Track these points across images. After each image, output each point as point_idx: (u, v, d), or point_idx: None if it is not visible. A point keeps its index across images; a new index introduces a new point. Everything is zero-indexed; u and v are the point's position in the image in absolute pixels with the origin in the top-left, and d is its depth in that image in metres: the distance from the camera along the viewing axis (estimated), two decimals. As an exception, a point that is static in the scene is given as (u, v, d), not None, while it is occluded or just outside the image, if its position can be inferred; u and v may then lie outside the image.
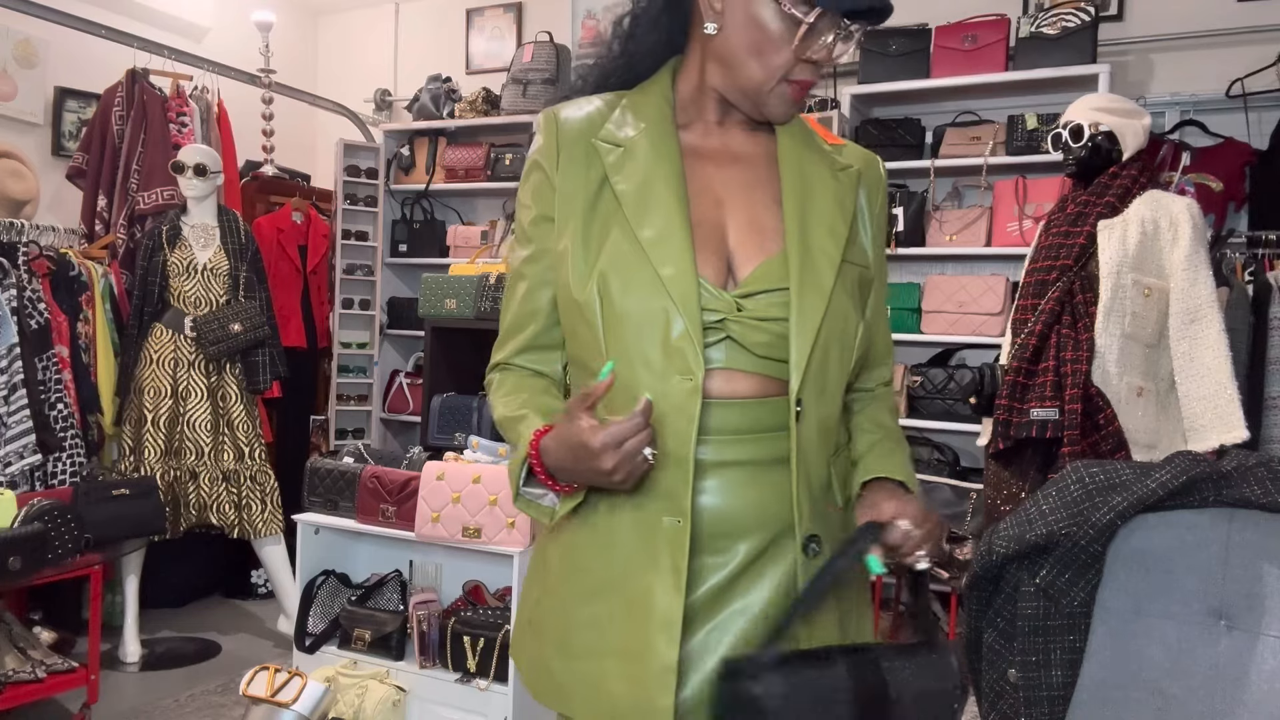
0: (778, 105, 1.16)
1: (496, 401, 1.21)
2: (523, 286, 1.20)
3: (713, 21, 1.14)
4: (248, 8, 4.89)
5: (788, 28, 1.10)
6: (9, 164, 3.66)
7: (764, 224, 1.16)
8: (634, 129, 1.17)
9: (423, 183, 5.00)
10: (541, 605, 1.20)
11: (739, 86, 1.16)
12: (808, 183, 1.19)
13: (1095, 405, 2.43)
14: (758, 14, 1.11)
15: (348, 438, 4.91)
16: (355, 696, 2.60)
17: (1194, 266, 2.43)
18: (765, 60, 1.12)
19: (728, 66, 1.15)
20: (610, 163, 1.15)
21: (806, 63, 1.13)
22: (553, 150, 1.17)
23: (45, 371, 3.35)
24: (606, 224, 1.13)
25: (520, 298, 1.21)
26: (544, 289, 1.19)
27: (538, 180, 1.18)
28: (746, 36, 1.12)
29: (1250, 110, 3.53)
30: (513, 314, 1.22)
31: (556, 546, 1.19)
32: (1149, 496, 1.50)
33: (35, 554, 2.66)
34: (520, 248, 1.21)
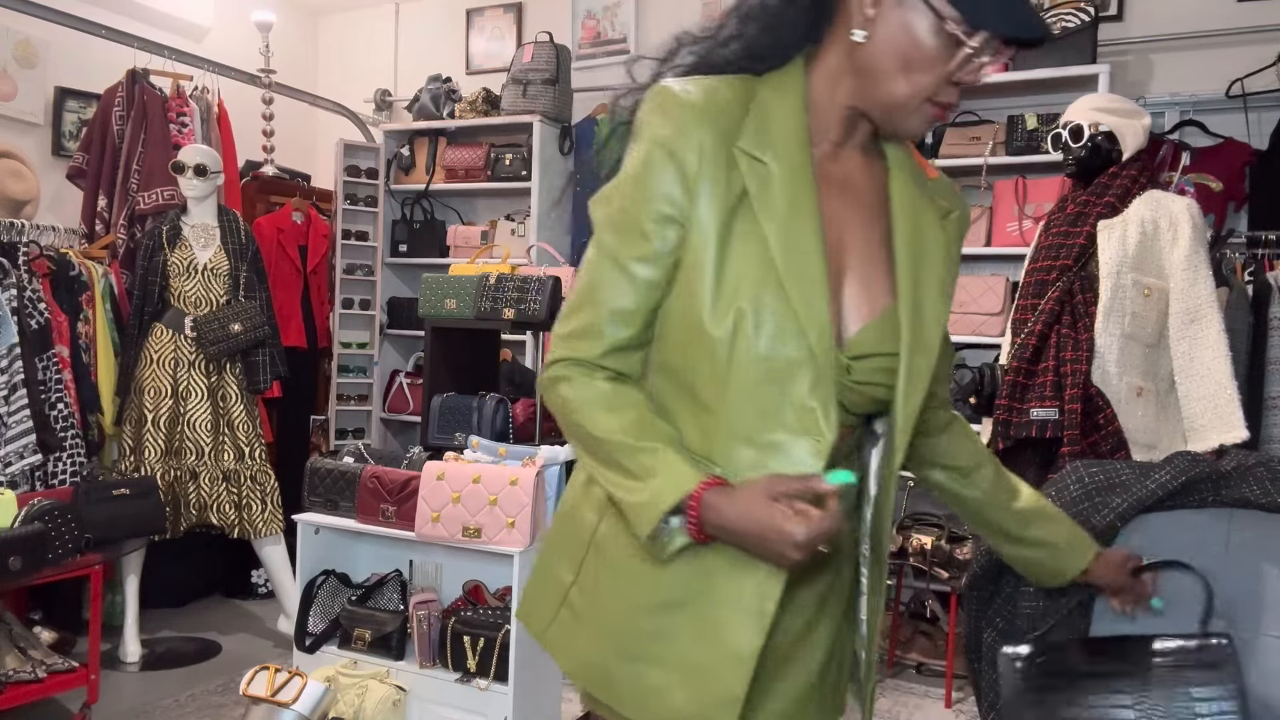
0: (916, 124, 1.09)
1: (589, 409, 1.09)
2: (625, 282, 1.08)
3: (861, 29, 1.06)
4: (248, 8, 4.89)
5: (945, 47, 1.03)
6: (9, 164, 3.66)
7: (874, 273, 1.11)
8: (775, 146, 1.07)
9: (423, 183, 5.00)
10: (595, 600, 1.16)
11: (877, 100, 1.08)
12: (920, 232, 1.14)
13: (1095, 405, 2.44)
14: (914, 28, 1.03)
15: (348, 438, 4.91)
16: (355, 696, 2.60)
17: (1194, 266, 2.43)
18: (913, 78, 1.05)
19: (869, 78, 1.07)
20: (752, 184, 1.06)
21: (954, 84, 1.06)
22: (693, 145, 1.05)
23: (45, 371, 3.35)
24: (746, 253, 1.05)
25: (621, 293, 1.08)
26: (653, 292, 1.09)
27: (670, 173, 1.06)
28: (897, 50, 1.05)
29: (1250, 110, 3.53)
30: (609, 309, 1.09)
31: (623, 547, 1.13)
32: (1149, 497, 1.50)
33: (35, 554, 2.67)
34: (625, 237, 1.08)
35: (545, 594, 1.23)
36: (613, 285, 1.09)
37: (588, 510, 1.18)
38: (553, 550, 1.24)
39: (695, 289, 1.06)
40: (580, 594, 1.18)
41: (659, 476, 1.03)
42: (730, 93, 1.09)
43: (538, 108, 4.66)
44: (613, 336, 1.09)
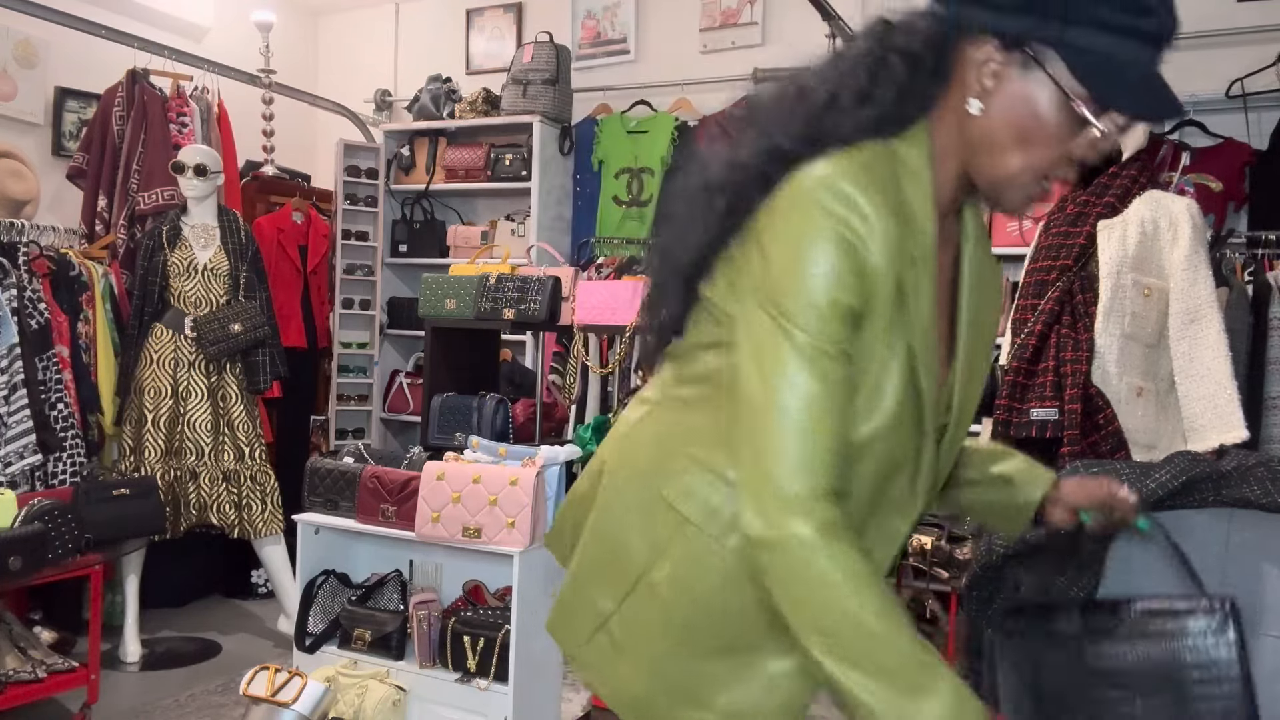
0: (1022, 199, 1.03)
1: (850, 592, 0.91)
2: (828, 396, 0.95)
3: (978, 99, 0.99)
4: (248, 8, 4.89)
5: (1068, 125, 0.97)
6: (9, 164, 3.67)
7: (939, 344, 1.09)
8: (920, 245, 1.00)
9: (423, 183, 5.00)
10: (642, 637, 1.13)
11: (987, 173, 1.02)
12: (982, 297, 1.12)
13: (1095, 405, 2.44)
14: (1035, 103, 0.97)
15: (348, 438, 4.91)
16: (355, 696, 2.59)
17: (1194, 266, 2.43)
18: (1030, 153, 0.99)
19: (981, 151, 1.01)
20: (908, 290, 0.99)
21: (1073, 162, 1.00)
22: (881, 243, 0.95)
23: (45, 371, 3.35)
24: (893, 361, 1.00)
25: (828, 409, 0.95)
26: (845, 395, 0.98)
27: (857, 272, 0.95)
28: (1015, 124, 0.98)
29: (1250, 110, 3.53)
30: (826, 433, 0.95)
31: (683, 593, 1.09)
32: (1149, 496, 1.50)
33: (35, 554, 2.67)
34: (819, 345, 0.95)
35: (579, 616, 1.20)
36: (819, 403, 0.95)
37: (639, 545, 1.13)
38: (590, 573, 1.19)
39: (860, 396, 1.00)
40: (622, 626, 1.14)
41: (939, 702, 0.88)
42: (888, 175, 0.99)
43: (538, 108, 4.66)
44: (835, 467, 0.95)
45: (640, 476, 1.17)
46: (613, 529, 1.18)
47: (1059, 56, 0.95)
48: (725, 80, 4.56)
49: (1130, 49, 0.95)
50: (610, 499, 1.21)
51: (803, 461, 0.93)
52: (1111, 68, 0.95)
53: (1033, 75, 0.97)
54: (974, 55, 0.99)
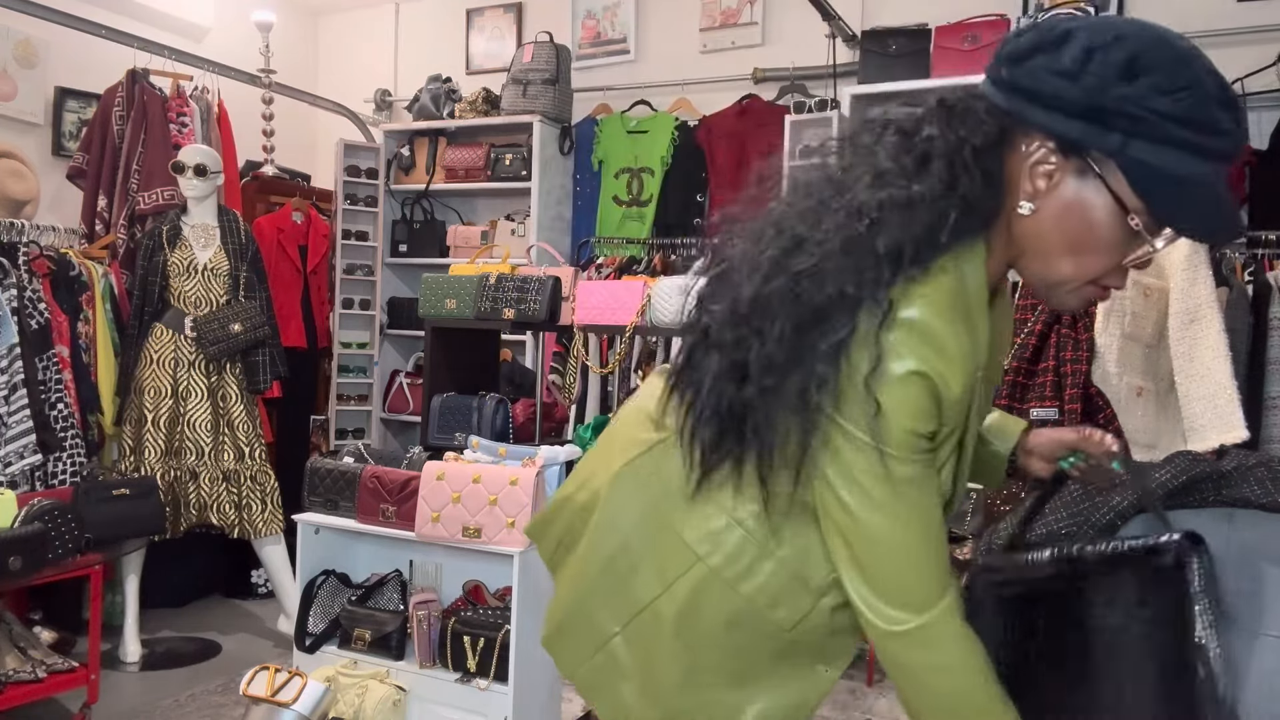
0: (1074, 302, 1.02)
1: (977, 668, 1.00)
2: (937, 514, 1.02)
3: (1029, 201, 0.96)
4: (248, 8, 4.89)
5: (1123, 237, 0.94)
6: (9, 164, 3.66)
7: None
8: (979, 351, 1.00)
9: (423, 183, 5.00)
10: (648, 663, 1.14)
11: (1037, 275, 1.01)
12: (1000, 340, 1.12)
13: (1095, 405, 2.44)
14: (1090, 211, 0.93)
15: (348, 437, 4.91)
16: (355, 696, 2.59)
17: (1193, 267, 2.43)
18: (1082, 261, 0.96)
19: (1031, 253, 0.99)
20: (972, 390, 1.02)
21: (1125, 270, 0.98)
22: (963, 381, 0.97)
23: (45, 371, 3.35)
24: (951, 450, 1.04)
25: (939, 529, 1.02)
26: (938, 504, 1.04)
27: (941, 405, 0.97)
28: (1067, 231, 0.95)
29: (1250, 110, 3.53)
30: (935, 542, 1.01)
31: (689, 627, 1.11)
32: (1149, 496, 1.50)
33: (35, 554, 2.67)
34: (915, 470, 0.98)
35: (579, 634, 1.20)
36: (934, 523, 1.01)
37: (648, 574, 1.13)
38: (593, 593, 1.19)
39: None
40: (626, 648, 1.15)
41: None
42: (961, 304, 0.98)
43: (538, 108, 4.66)
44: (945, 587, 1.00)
45: (655, 512, 1.16)
46: (619, 556, 1.17)
47: (1119, 168, 0.91)
48: (725, 80, 4.56)
49: (1196, 167, 0.90)
50: (617, 521, 1.19)
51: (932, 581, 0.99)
52: (1174, 186, 0.90)
53: (1089, 183, 0.93)
54: (1029, 153, 0.95)
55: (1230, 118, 0.91)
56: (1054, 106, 0.92)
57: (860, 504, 0.98)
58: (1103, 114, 0.90)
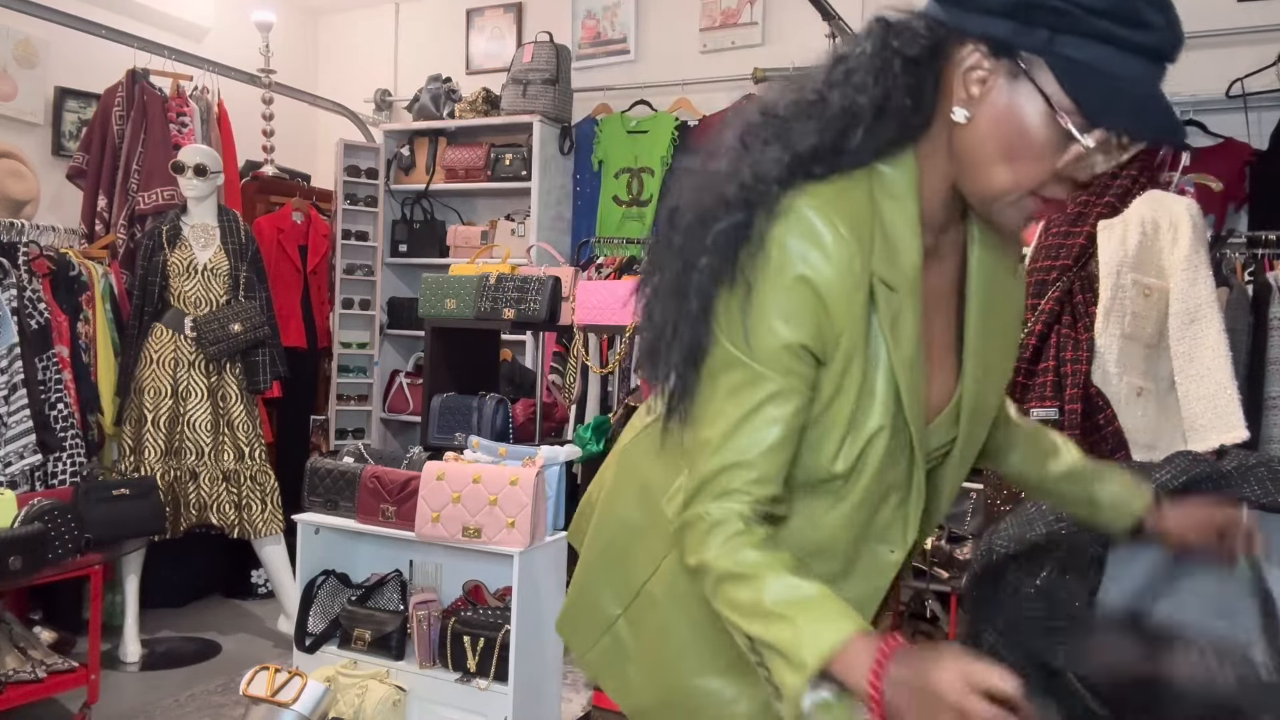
0: (1014, 216, 0.98)
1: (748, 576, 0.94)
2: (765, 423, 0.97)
3: (963, 107, 0.95)
4: (248, 8, 4.90)
5: (1056, 140, 0.91)
6: (9, 164, 3.66)
7: (946, 355, 1.07)
8: (901, 270, 0.98)
9: (423, 183, 5.00)
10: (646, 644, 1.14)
11: (975, 188, 0.98)
12: (993, 306, 1.08)
13: (1095, 405, 2.44)
14: (1022, 115, 0.92)
15: (348, 438, 4.91)
16: (355, 696, 2.59)
17: (1194, 266, 2.43)
18: (1017, 168, 0.94)
19: (968, 164, 0.97)
20: (888, 316, 0.98)
21: (1064, 180, 0.95)
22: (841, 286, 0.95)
23: (45, 371, 3.35)
24: (872, 389, 0.99)
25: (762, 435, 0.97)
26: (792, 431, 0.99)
27: (808, 304, 0.95)
28: (1002, 137, 0.93)
29: (1250, 110, 3.53)
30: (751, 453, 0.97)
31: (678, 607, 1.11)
32: (1149, 496, 1.50)
33: (35, 554, 2.66)
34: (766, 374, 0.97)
35: (587, 618, 1.21)
36: (763, 422, 0.98)
37: (640, 556, 1.15)
38: (597, 576, 1.20)
39: (826, 425, 1.00)
40: (629, 630, 1.15)
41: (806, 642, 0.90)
42: (861, 207, 0.98)
43: (538, 108, 4.66)
44: (755, 486, 0.98)
45: (643, 489, 1.18)
46: (617, 536, 1.20)
47: (1048, 67, 0.90)
48: (725, 80, 4.56)
49: (1126, 65, 0.90)
50: (615, 507, 1.22)
51: (718, 473, 0.97)
52: (1103, 83, 0.89)
53: (1020, 86, 0.92)
54: (962, 60, 0.95)
55: (1159, 15, 0.92)
56: (983, 8, 0.93)
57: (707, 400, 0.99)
58: (1028, 10, 0.90)
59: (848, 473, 1.01)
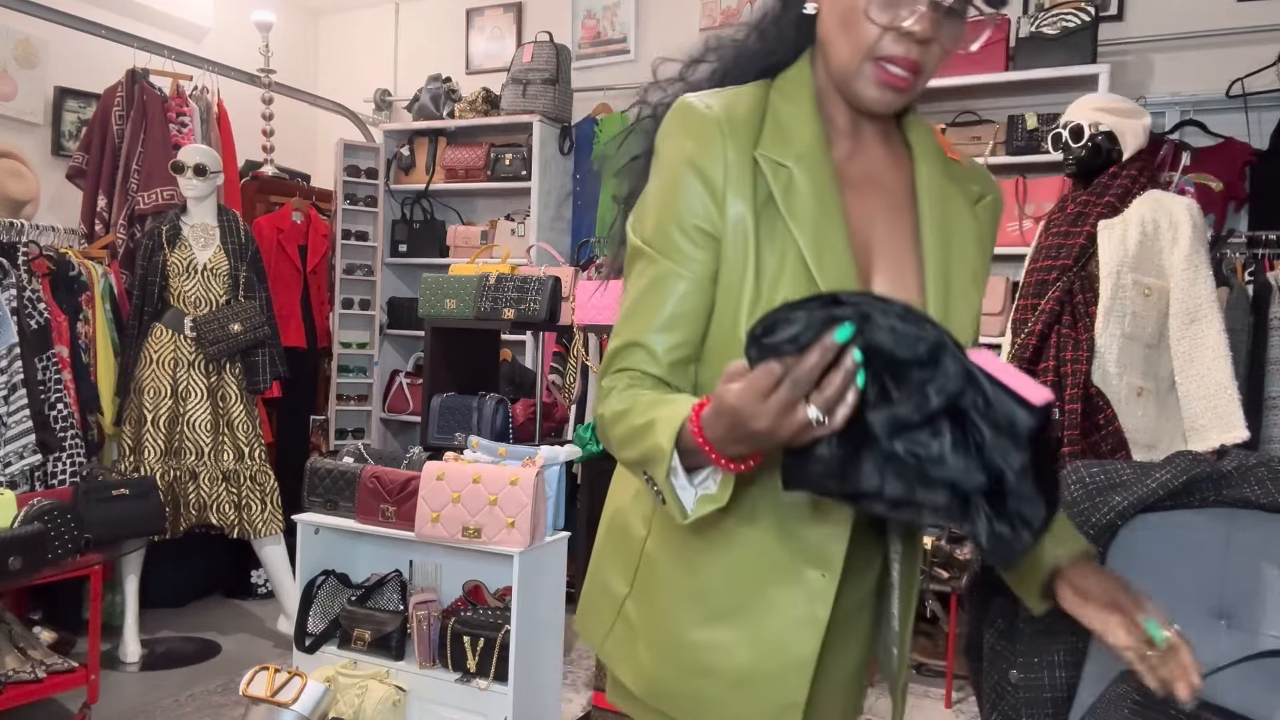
0: (865, 88, 1.04)
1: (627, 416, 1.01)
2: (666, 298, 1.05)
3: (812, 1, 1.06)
4: (248, 8, 4.90)
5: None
6: (9, 164, 3.66)
7: (904, 268, 1.09)
8: (794, 149, 1.05)
9: (423, 183, 5.00)
10: (649, 612, 1.15)
11: (834, 72, 1.06)
12: (950, 224, 1.12)
13: (1095, 405, 2.44)
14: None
15: (348, 437, 4.91)
16: (355, 696, 2.59)
17: (1194, 266, 2.43)
18: (851, 36, 1.01)
19: (826, 52, 1.06)
20: (778, 188, 1.04)
21: (898, 35, 1.00)
22: (718, 160, 1.04)
23: (45, 371, 3.35)
24: (779, 258, 1.03)
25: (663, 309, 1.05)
26: (694, 306, 1.05)
27: (699, 189, 1.04)
28: (835, 12, 1.03)
29: (1250, 110, 3.53)
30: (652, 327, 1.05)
31: (673, 559, 1.12)
32: (1149, 496, 1.50)
33: (35, 554, 2.66)
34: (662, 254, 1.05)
35: (600, 606, 1.22)
36: (655, 303, 1.05)
37: (637, 523, 1.17)
38: (604, 562, 1.23)
39: (733, 299, 1.04)
40: (635, 606, 1.17)
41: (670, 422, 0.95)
42: (748, 101, 1.07)
43: (538, 108, 4.66)
44: (657, 352, 1.05)
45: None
46: (618, 515, 1.21)
47: None
48: (725, 80, 4.56)
49: None
50: (614, 493, 1.24)
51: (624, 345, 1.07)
52: None
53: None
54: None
55: None
56: None
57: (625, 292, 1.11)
58: None
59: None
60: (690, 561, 1.10)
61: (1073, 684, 1.55)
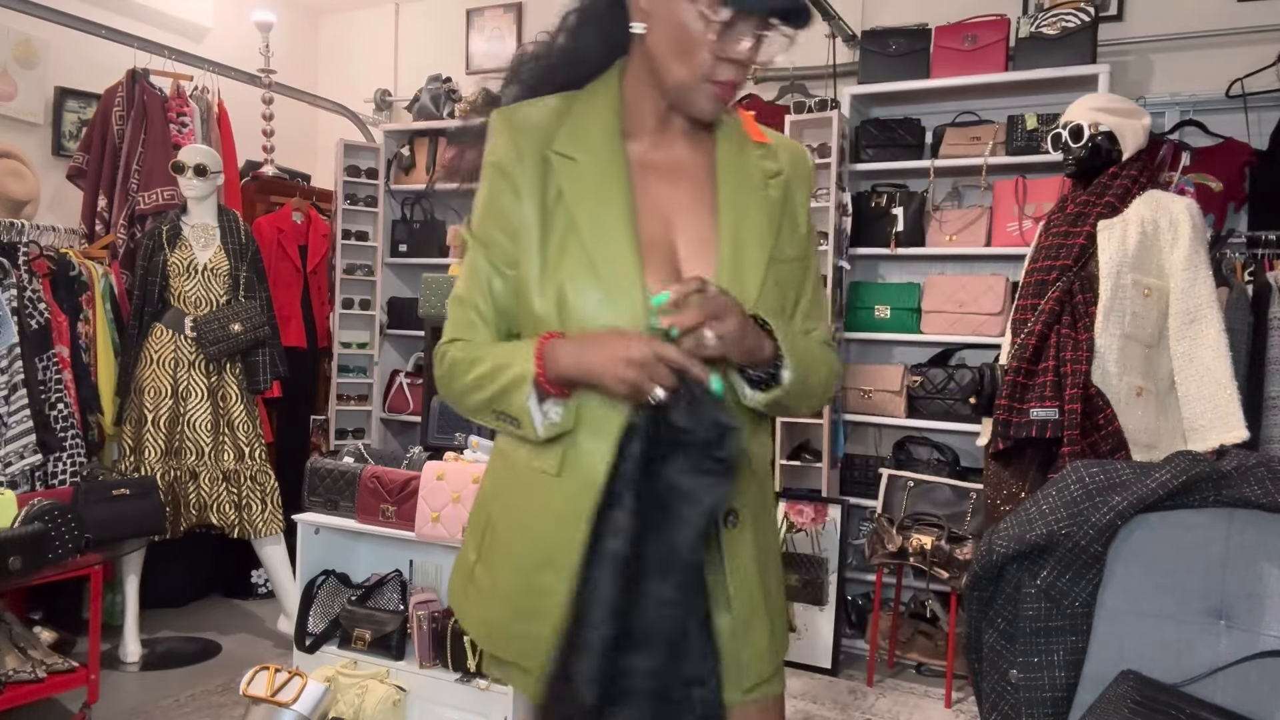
0: (705, 104, 1.20)
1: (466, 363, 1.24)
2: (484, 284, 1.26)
3: (640, 21, 1.19)
4: (248, 8, 4.89)
5: (703, 28, 1.13)
6: (9, 164, 3.66)
7: (708, 238, 1.23)
8: (584, 142, 1.22)
9: (423, 183, 5.00)
10: (492, 571, 1.28)
11: (665, 86, 1.20)
12: (741, 197, 1.26)
13: (1095, 405, 2.44)
14: (677, 14, 1.14)
15: (348, 438, 4.91)
16: (355, 696, 2.60)
17: (1194, 266, 2.43)
18: (687, 60, 1.16)
19: (654, 67, 1.20)
20: (565, 179, 1.21)
21: (729, 62, 1.16)
22: (514, 159, 1.23)
23: (45, 371, 3.35)
24: (563, 240, 1.20)
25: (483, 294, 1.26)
26: (505, 290, 1.25)
27: (498, 187, 1.24)
28: (669, 36, 1.16)
29: (1250, 110, 3.53)
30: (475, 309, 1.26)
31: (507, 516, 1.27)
32: (1149, 496, 1.50)
33: (35, 554, 2.67)
34: (481, 246, 1.26)
35: (458, 574, 1.37)
36: (477, 288, 1.26)
37: (487, 495, 1.33)
38: (466, 537, 1.38)
39: (526, 276, 1.21)
40: (483, 569, 1.30)
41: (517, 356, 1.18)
42: (550, 106, 1.25)
43: (538, 108, 4.65)
44: (470, 326, 1.27)
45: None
46: (478, 494, 1.37)
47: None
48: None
49: None
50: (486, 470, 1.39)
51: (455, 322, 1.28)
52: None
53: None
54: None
55: None
56: None
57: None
58: None
59: (552, 314, 1.18)
60: (519, 515, 1.25)
61: (1073, 684, 1.55)
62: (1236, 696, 1.39)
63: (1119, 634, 1.50)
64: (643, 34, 1.19)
